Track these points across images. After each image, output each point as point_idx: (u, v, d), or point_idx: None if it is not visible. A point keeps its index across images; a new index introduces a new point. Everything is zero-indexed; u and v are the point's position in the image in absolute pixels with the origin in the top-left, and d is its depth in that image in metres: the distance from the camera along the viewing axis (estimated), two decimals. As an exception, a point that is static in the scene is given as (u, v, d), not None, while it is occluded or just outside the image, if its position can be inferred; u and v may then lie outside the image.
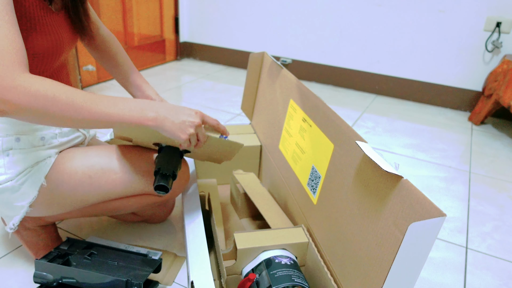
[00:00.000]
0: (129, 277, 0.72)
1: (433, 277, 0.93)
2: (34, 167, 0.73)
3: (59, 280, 0.74)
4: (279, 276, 0.67)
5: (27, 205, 0.74)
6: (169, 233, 1.01)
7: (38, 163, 0.74)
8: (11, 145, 0.71)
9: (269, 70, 1.10)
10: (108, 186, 0.79)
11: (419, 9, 2.03)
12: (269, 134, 1.08)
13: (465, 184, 1.37)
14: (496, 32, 1.92)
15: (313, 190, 0.78)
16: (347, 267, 0.62)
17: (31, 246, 0.87)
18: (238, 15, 2.50)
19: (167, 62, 2.69)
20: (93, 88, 2.09)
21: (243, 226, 1.04)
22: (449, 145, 1.70)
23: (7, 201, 0.73)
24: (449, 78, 2.10)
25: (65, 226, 1.01)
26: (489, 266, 0.98)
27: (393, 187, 0.52)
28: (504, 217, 1.19)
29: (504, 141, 1.79)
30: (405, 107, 2.14)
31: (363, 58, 2.26)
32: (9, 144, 0.71)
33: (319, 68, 2.39)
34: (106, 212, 0.87)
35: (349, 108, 2.06)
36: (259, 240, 0.74)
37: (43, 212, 0.78)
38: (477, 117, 1.95)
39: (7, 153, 0.71)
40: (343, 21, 2.22)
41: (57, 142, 0.78)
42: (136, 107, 0.64)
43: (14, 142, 0.71)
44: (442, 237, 1.08)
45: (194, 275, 0.65)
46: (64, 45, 0.75)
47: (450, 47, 2.04)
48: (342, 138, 0.68)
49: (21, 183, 0.72)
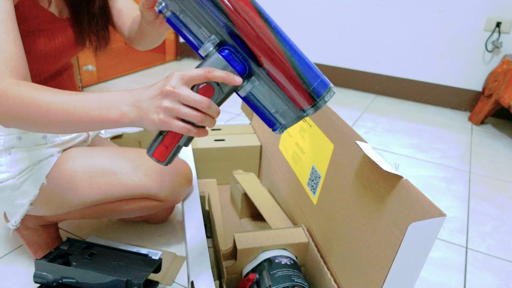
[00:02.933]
0: (129, 277, 0.72)
1: (433, 277, 0.93)
2: (36, 166, 0.74)
3: (59, 280, 0.74)
4: (279, 276, 0.67)
5: (27, 203, 0.74)
6: (169, 233, 1.01)
7: (40, 162, 0.74)
8: (13, 144, 0.72)
9: (269, 70, 1.10)
10: (108, 187, 0.79)
11: (419, 9, 2.03)
12: (269, 134, 1.08)
13: (465, 184, 1.37)
14: (496, 32, 1.92)
15: (313, 190, 0.78)
16: (347, 267, 0.62)
17: (31, 245, 0.87)
18: (238, 15, 2.50)
19: (167, 62, 2.69)
20: (93, 88, 2.09)
21: (243, 226, 1.04)
22: (449, 145, 1.70)
23: (8, 199, 0.73)
24: (449, 78, 2.10)
25: (65, 226, 1.01)
26: (489, 266, 0.98)
27: (393, 187, 0.52)
28: (504, 217, 1.19)
29: (504, 141, 1.79)
30: (405, 107, 2.14)
31: (363, 58, 2.26)
32: (11, 143, 0.71)
33: (319, 68, 2.39)
34: (106, 215, 0.87)
35: (349, 108, 2.06)
36: (259, 240, 0.74)
37: (43, 211, 0.78)
38: (477, 117, 1.95)
39: (9, 152, 0.71)
40: (343, 21, 2.22)
41: (59, 141, 0.78)
42: (99, 105, 0.52)
43: (16, 140, 0.72)
44: (442, 237, 1.08)
45: (194, 275, 0.65)
46: (65, 51, 0.76)
47: (450, 47, 2.04)
48: (342, 138, 0.68)
49: (22, 181, 0.72)
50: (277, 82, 0.51)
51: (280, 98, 0.53)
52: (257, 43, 0.49)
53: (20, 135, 0.72)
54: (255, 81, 0.52)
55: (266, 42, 0.49)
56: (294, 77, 0.50)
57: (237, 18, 0.49)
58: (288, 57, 0.49)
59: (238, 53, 0.51)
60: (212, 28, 0.51)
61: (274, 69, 0.50)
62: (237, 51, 0.51)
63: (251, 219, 1.06)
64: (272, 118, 0.55)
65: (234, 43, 0.50)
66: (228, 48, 0.51)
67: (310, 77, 0.50)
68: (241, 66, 0.51)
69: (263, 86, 0.53)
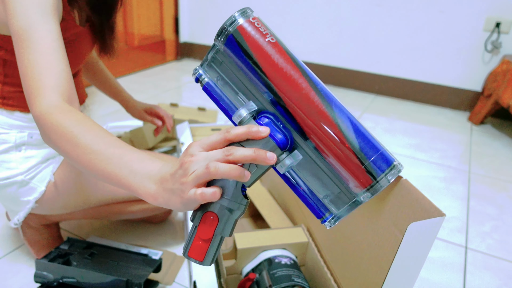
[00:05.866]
0: (129, 277, 0.73)
1: (432, 277, 0.93)
2: (44, 163, 0.76)
3: (59, 280, 0.75)
4: (279, 276, 0.67)
5: (33, 201, 0.75)
6: (169, 233, 1.01)
7: (48, 160, 0.76)
8: (24, 141, 0.74)
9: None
10: (113, 188, 0.79)
11: (419, 9, 2.03)
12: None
13: (464, 184, 1.37)
14: (495, 32, 1.92)
15: (313, 190, 0.78)
16: (347, 267, 0.63)
17: (33, 244, 0.87)
18: (238, 15, 2.50)
19: (167, 62, 2.69)
20: (93, 88, 2.09)
21: (243, 226, 1.04)
22: (448, 145, 1.70)
23: (14, 195, 0.74)
24: (449, 78, 2.10)
25: (66, 225, 1.01)
26: (489, 266, 0.98)
27: (392, 187, 0.52)
28: (503, 217, 1.20)
29: (504, 141, 1.79)
30: (405, 107, 2.14)
31: (363, 58, 2.26)
32: (22, 140, 0.73)
33: (319, 68, 2.39)
34: (109, 216, 0.87)
35: (349, 108, 2.06)
36: (259, 240, 0.75)
37: (47, 210, 0.79)
38: (477, 117, 1.95)
39: (20, 149, 0.73)
40: (343, 21, 2.22)
41: None
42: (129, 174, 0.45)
43: (27, 138, 0.74)
44: (442, 237, 1.08)
45: (197, 275, 0.65)
46: (85, 57, 0.80)
47: (449, 47, 2.04)
48: (342, 138, 0.68)
49: (30, 178, 0.74)
50: (327, 158, 0.42)
51: (331, 178, 0.43)
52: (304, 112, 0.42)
53: (32, 133, 0.74)
54: (298, 155, 0.43)
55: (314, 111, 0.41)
56: (347, 148, 0.41)
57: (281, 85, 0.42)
58: (337, 124, 0.41)
59: (279, 121, 0.43)
60: (251, 94, 0.45)
61: (322, 140, 0.41)
62: (278, 119, 0.43)
63: (251, 219, 1.06)
64: (320, 205, 0.45)
65: (275, 110, 0.43)
66: (267, 115, 0.44)
67: (367, 149, 0.41)
68: (282, 136, 0.43)
69: (309, 163, 0.43)
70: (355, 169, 0.41)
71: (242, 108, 0.44)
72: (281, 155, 0.43)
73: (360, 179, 0.41)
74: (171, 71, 2.50)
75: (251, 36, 0.43)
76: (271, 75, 0.42)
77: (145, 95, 2.03)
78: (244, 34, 0.43)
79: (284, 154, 0.43)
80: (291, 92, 0.42)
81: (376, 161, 0.40)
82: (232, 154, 0.40)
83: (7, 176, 0.72)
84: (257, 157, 0.40)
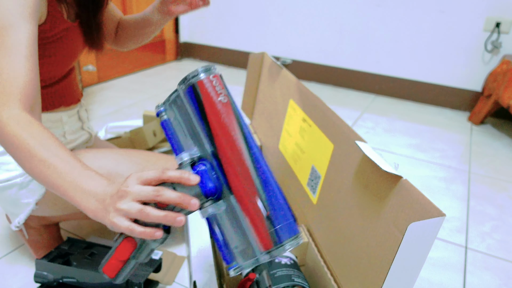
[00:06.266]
0: (129, 277, 0.73)
1: (432, 277, 0.93)
2: None
3: (59, 280, 0.75)
4: (279, 275, 0.67)
5: (33, 203, 0.75)
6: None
7: None
8: None
9: (269, 70, 1.10)
10: None
11: (419, 9, 2.03)
12: (269, 134, 1.08)
13: (464, 184, 1.37)
14: (495, 33, 1.92)
15: (313, 190, 0.78)
16: (347, 267, 0.63)
17: (33, 244, 0.87)
18: (238, 15, 2.50)
19: (167, 62, 2.70)
20: (93, 88, 2.09)
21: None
22: (448, 145, 1.70)
23: (15, 197, 0.74)
24: (449, 78, 2.10)
25: (65, 226, 1.01)
26: (489, 266, 0.98)
27: (392, 187, 0.52)
28: (503, 217, 1.20)
29: (504, 141, 1.79)
30: (405, 107, 2.14)
31: (363, 58, 2.26)
32: None
33: (319, 68, 2.39)
34: None
35: (349, 108, 2.06)
36: (259, 240, 0.75)
37: (47, 211, 0.78)
38: (477, 117, 1.95)
39: None
40: (343, 21, 2.22)
41: (65, 140, 0.81)
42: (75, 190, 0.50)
43: None
44: (442, 237, 1.08)
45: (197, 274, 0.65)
46: (77, 54, 0.79)
47: (449, 47, 2.04)
48: (342, 138, 0.68)
49: (30, 179, 0.73)
50: (243, 215, 0.46)
51: (242, 233, 0.46)
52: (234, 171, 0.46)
53: None
54: (221, 206, 0.48)
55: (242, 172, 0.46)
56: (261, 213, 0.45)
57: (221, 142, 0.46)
58: (258, 190, 0.46)
59: (213, 171, 0.47)
60: (197, 141, 0.49)
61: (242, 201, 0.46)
62: (213, 169, 0.48)
63: (251, 219, 1.06)
64: (230, 253, 0.48)
65: (213, 161, 0.47)
66: (206, 163, 0.48)
67: (277, 217, 0.45)
68: (213, 185, 0.47)
69: (229, 215, 0.47)
70: (263, 231, 0.45)
71: (185, 152, 0.49)
72: (206, 202, 0.47)
73: (263, 242, 0.45)
74: (171, 71, 2.50)
75: (207, 92, 0.47)
76: (215, 130, 0.47)
77: (145, 95, 2.04)
78: (202, 88, 0.47)
79: (209, 202, 0.48)
80: (228, 151, 0.46)
81: (282, 229, 0.45)
82: (161, 196, 0.45)
83: (7, 178, 0.72)
84: (182, 202, 0.45)
